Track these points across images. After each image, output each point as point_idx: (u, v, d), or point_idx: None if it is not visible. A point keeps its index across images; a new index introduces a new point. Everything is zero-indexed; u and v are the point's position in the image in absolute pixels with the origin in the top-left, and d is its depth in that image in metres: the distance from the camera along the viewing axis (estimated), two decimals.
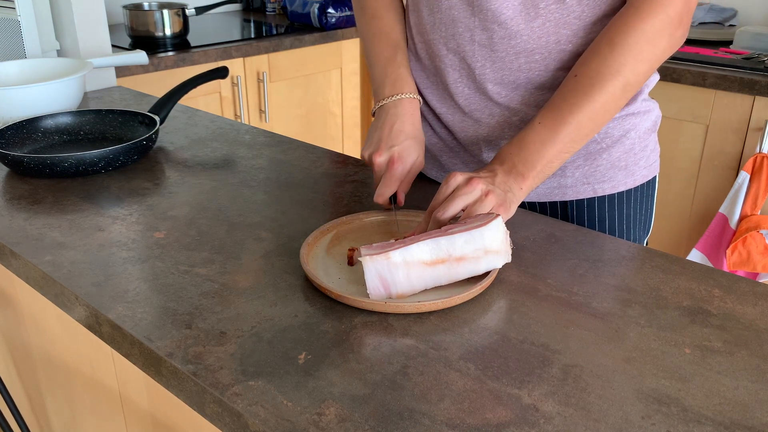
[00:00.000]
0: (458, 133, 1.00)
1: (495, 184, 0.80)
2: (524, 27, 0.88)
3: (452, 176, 0.80)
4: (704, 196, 2.10)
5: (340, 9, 2.56)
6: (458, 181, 0.80)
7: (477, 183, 0.79)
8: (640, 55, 0.81)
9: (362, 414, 0.57)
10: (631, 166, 0.98)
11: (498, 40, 0.90)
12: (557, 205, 1.01)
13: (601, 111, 0.83)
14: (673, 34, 0.82)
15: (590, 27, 0.88)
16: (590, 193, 0.98)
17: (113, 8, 2.45)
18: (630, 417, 0.57)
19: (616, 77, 0.81)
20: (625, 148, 0.97)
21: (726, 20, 2.41)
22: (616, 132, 0.96)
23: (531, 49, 0.90)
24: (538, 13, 0.87)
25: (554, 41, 0.89)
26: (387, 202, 0.90)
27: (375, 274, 0.71)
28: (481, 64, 0.93)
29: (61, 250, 0.84)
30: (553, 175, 0.98)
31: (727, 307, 0.73)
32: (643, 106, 0.98)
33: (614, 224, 1.00)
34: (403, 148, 0.91)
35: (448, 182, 0.80)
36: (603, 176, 0.98)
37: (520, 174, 0.82)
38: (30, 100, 1.24)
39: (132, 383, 0.90)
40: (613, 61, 0.81)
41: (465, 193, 0.78)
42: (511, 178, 0.82)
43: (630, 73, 0.82)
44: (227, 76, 1.49)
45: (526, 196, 0.84)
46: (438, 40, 0.96)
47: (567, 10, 0.87)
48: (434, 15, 0.96)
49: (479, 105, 0.96)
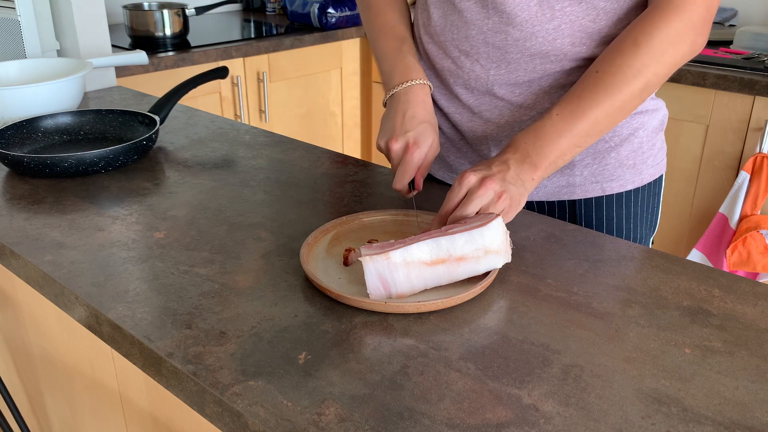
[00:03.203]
0: (467, 132, 1.00)
1: (507, 180, 0.79)
2: (539, 29, 0.88)
3: (465, 177, 0.79)
4: (704, 196, 2.10)
5: (340, 9, 2.56)
6: (471, 183, 0.79)
7: (490, 184, 0.78)
8: (663, 58, 0.81)
9: (362, 414, 0.57)
10: (639, 165, 0.99)
11: (512, 42, 0.90)
12: (565, 204, 1.01)
13: (618, 109, 0.83)
14: (695, 40, 0.82)
15: (604, 31, 0.88)
16: (599, 192, 0.99)
17: (113, 8, 2.45)
18: (630, 417, 0.57)
19: (637, 77, 0.81)
20: (633, 147, 0.97)
21: (726, 20, 2.41)
22: (624, 131, 0.96)
23: (546, 51, 0.90)
24: (554, 15, 0.87)
25: (569, 43, 0.89)
26: (406, 189, 0.89)
27: (375, 274, 0.71)
28: (495, 65, 0.93)
29: (61, 250, 0.84)
30: (562, 174, 0.98)
31: (727, 307, 0.73)
32: (651, 104, 0.98)
33: (621, 223, 1.01)
34: (418, 132, 0.89)
35: (461, 183, 0.79)
36: (611, 175, 0.98)
37: (533, 164, 0.81)
38: (30, 100, 1.24)
39: (132, 383, 0.90)
40: (636, 61, 0.81)
41: (479, 196, 0.77)
42: (524, 169, 0.81)
43: (651, 75, 0.82)
44: (227, 76, 1.49)
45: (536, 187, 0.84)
46: (449, 41, 0.96)
47: (583, 13, 0.87)
48: (446, 17, 0.95)
49: (489, 105, 0.96)
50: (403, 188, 0.89)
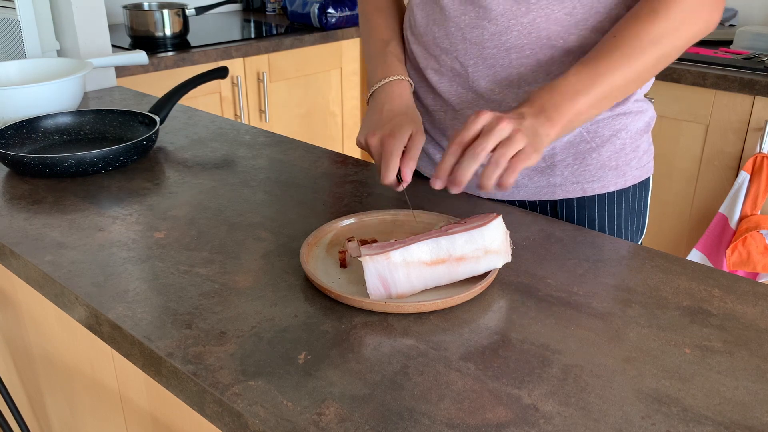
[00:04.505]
0: (450, 130, 1.00)
1: (524, 125, 0.77)
2: (515, 23, 0.89)
3: (480, 113, 0.77)
4: (704, 196, 2.10)
5: (340, 9, 2.56)
6: (487, 119, 0.76)
7: (506, 123, 0.75)
8: (680, 29, 0.81)
9: (362, 414, 0.57)
10: (622, 167, 0.98)
11: (488, 36, 0.91)
12: (547, 204, 1.01)
13: (633, 77, 0.82)
14: (710, 16, 0.83)
15: (581, 24, 0.88)
16: (579, 193, 0.98)
17: (113, 8, 2.45)
18: (630, 417, 0.57)
19: (656, 45, 0.81)
20: (615, 148, 0.97)
21: (726, 20, 2.41)
22: (606, 131, 0.96)
23: (521, 45, 0.90)
24: (530, 9, 0.88)
25: (545, 36, 0.89)
26: (395, 182, 0.88)
27: (375, 273, 0.71)
28: (473, 62, 0.93)
29: (61, 250, 0.84)
30: (542, 173, 0.98)
31: (727, 307, 0.73)
32: (636, 106, 0.97)
33: (604, 224, 1.00)
34: (394, 124, 0.89)
35: (477, 119, 0.77)
36: (592, 176, 0.97)
37: (550, 119, 0.79)
38: (30, 100, 1.24)
39: (132, 383, 0.90)
40: (654, 29, 0.81)
41: (499, 130, 0.75)
42: (540, 122, 0.78)
43: (668, 46, 0.82)
44: (227, 76, 1.49)
45: (553, 141, 0.81)
46: (431, 41, 0.97)
47: (558, 6, 0.87)
48: (428, 17, 0.97)
49: (471, 102, 0.96)
50: (391, 182, 0.87)
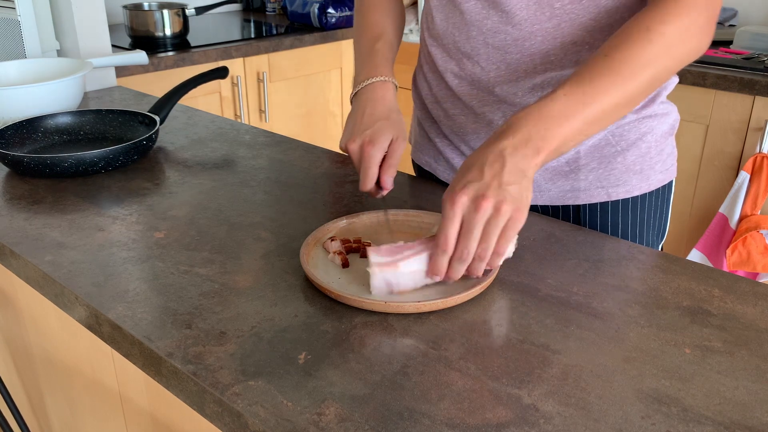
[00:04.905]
0: (469, 135, 0.99)
1: (504, 184, 0.69)
2: (538, 28, 0.87)
3: (456, 201, 0.69)
4: (704, 196, 2.10)
5: (340, 9, 2.56)
6: (464, 205, 0.69)
7: (485, 202, 0.68)
8: (672, 51, 0.77)
9: (362, 414, 0.57)
10: (646, 171, 0.96)
11: (511, 42, 0.89)
12: (570, 209, 0.98)
13: (624, 101, 0.77)
14: (701, 39, 0.79)
15: (606, 29, 0.87)
16: (604, 198, 0.96)
17: (113, 8, 2.45)
18: (630, 417, 0.57)
19: (647, 68, 0.77)
20: (641, 152, 0.94)
21: (726, 20, 2.41)
22: (632, 135, 0.93)
23: (546, 51, 0.88)
24: (554, 14, 0.86)
25: (570, 42, 0.87)
26: (374, 190, 0.87)
27: (382, 281, 0.72)
28: (496, 66, 0.92)
29: (61, 250, 0.84)
30: (566, 178, 0.96)
31: (727, 307, 0.73)
32: (661, 108, 0.95)
33: (627, 229, 0.98)
34: (375, 130, 0.87)
35: (453, 206, 0.69)
36: (617, 180, 0.95)
37: (536, 148, 0.72)
38: (30, 100, 1.24)
39: (132, 383, 0.90)
40: (647, 52, 0.76)
41: (478, 221, 0.69)
42: (524, 155, 0.72)
43: (660, 68, 0.77)
44: (227, 76, 1.49)
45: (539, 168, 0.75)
46: (451, 44, 0.96)
47: (583, 11, 0.86)
48: (447, 20, 0.95)
49: (492, 107, 0.95)
50: (370, 190, 0.86)
